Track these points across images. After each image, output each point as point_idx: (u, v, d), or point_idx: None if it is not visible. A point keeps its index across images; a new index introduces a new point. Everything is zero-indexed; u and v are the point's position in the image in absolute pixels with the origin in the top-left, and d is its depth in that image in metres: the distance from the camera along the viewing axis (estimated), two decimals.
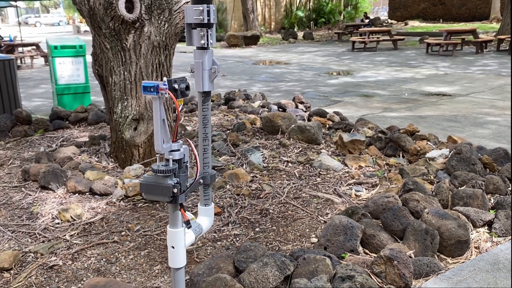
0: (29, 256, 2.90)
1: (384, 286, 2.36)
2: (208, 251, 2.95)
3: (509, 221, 2.95)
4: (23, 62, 15.47)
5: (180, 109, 1.13)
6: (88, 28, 4.21)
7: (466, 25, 23.51)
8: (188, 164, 1.16)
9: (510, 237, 2.87)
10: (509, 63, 11.70)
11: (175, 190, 1.10)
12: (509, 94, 7.90)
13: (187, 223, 1.15)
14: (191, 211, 3.51)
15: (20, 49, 16.05)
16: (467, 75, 10.15)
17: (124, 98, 4.23)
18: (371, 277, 2.35)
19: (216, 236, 3.13)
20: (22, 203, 3.66)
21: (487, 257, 2.66)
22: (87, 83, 6.92)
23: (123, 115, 4.26)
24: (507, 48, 13.97)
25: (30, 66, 14.50)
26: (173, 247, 1.16)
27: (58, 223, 3.33)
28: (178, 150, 1.11)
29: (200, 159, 1.22)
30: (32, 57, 14.82)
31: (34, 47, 15.54)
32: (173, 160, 1.11)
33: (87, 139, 5.24)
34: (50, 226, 3.29)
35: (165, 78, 1.06)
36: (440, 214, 2.79)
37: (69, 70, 6.70)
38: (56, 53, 6.60)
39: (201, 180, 1.24)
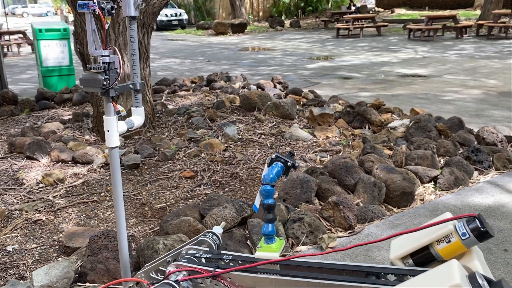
0: (15, 213, 3.16)
1: (332, 228, 2.66)
2: (180, 207, 3.22)
3: (452, 176, 3.27)
4: (9, 50, 15.52)
5: (107, 26, 1.43)
6: None
7: (451, 12, 23.82)
8: (118, 71, 1.45)
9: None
10: (485, 47, 12.04)
11: (105, 83, 1.39)
12: (479, 75, 8.23)
13: (118, 113, 1.45)
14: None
15: (6, 37, 16.07)
16: (444, 58, 10.47)
17: None
18: (320, 220, 2.65)
19: (188, 195, 3.41)
20: (8, 171, 3.90)
21: (428, 205, 2.97)
22: (71, 65, 7.13)
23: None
24: (486, 33, 14.32)
25: (16, 54, 14.57)
26: (108, 131, 1.46)
27: (42, 187, 3.59)
28: (108, 55, 1.41)
29: (130, 70, 1.54)
30: (19, 45, 14.88)
31: (20, 35, 15.59)
32: (104, 63, 1.41)
33: (71, 117, 5.47)
34: (34, 189, 3.54)
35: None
36: (388, 169, 3.10)
37: (54, 53, 6.90)
38: (41, 36, 6.79)
39: (131, 86, 1.54)
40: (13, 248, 2.72)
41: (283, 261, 0.89)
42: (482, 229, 0.74)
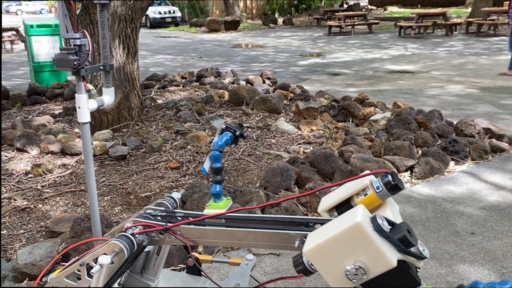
0: (3, 201, 3.25)
1: (309, 213, 2.78)
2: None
3: (428, 166, 3.39)
4: (2, 47, 15.52)
5: (78, 12, 1.54)
6: None
7: (442, 10, 23.99)
8: (89, 52, 1.56)
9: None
10: (473, 44, 12.21)
11: (76, 63, 1.50)
12: (466, 70, 8.38)
13: (88, 91, 1.56)
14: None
15: None
16: (433, 55, 10.62)
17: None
18: (297, 206, 2.76)
19: (173, 185, 3.51)
20: None
21: (403, 193, 3.09)
22: None
23: (92, 84, 4.59)
24: (475, 31, 14.49)
25: (9, 51, 14.59)
26: (79, 107, 1.57)
27: (31, 177, 3.67)
28: (79, 38, 1.51)
29: (101, 52, 1.65)
30: (12, 41, 14.89)
31: (14, 32, 15.60)
32: (74, 44, 1.52)
33: (62, 111, 5.55)
34: (23, 179, 3.63)
35: None
36: (364, 158, 3.21)
37: (46, 48, 6.97)
38: (33, 32, 6.86)
39: (102, 67, 1.65)
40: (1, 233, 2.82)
41: (222, 215, 1.00)
42: (392, 182, 0.85)
